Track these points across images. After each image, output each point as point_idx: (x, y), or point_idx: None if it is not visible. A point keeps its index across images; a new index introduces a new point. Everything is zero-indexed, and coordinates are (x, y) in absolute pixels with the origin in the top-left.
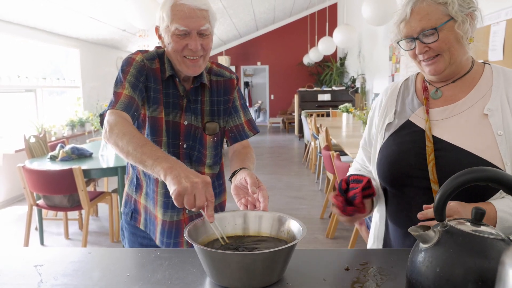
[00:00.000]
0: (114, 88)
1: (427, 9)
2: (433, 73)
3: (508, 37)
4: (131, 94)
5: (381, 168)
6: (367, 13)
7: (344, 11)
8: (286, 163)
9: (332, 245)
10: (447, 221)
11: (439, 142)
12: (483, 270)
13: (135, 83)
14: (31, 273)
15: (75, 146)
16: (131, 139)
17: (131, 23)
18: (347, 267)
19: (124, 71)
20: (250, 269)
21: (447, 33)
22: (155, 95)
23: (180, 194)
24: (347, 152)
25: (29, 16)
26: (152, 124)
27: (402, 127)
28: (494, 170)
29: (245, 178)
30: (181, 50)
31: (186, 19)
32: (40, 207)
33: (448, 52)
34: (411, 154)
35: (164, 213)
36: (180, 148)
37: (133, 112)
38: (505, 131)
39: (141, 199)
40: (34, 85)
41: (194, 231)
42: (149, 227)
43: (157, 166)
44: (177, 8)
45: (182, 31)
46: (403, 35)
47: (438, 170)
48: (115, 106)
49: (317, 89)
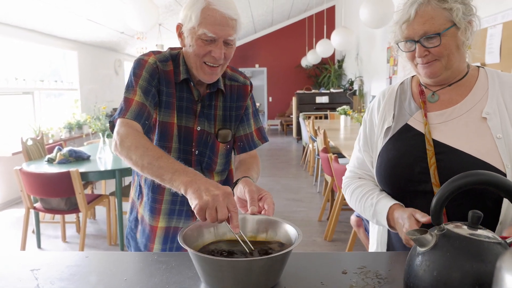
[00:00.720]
0: (125, 94)
1: (432, 13)
2: (429, 76)
3: (504, 40)
4: (143, 101)
5: (381, 173)
6: (364, 15)
7: (342, 13)
8: (284, 166)
9: (330, 247)
10: (444, 225)
11: (439, 145)
12: (480, 274)
13: (147, 88)
14: (27, 277)
15: (72, 149)
16: (145, 152)
17: (129, 26)
18: (344, 271)
19: (136, 74)
20: (244, 275)
21: (449, 39)
22: (168, 99)
23: (202, 208)
24: (345, 154)
25: (27, 18)
26: (163, 129)
27: (401, 131)
28: (491, 174)
29: (244, 193)
30: (203, 56)
31: (216, 26)
32: (37, 210)
33: (447, 57)
34: (411, 158)
35: (169, 219)
36: (192, 154)
37: (144, 121)
38: (504, 134)
39: (140, 208)
40: (31, 87)
41: (189, 236)
42: (141, 239)
43: (176, 180)
44: (208, 13)
45: (209, 37)
46: (404, 36)
47: (439, 173)
48: (125, 115)
49: (315, 92)
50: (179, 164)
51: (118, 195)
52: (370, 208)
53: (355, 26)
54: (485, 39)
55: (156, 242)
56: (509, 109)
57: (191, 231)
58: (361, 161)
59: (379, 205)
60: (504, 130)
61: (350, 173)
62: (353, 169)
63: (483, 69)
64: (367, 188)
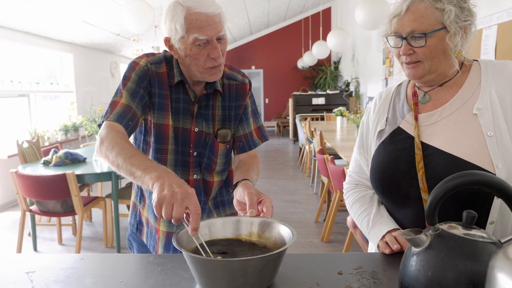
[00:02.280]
0: (112, 97)
1: (423, 12)
2: (412, 77)
3: (499, 41)
4: (127, 103)
5: (373, 178)
6: (360, 17)
7: (337, 15)
8: (281, 167)
9: (327, 248)
10: (438, 225)
11: (427, 148)
12: (474, 274)
13: (135, 89)
14: (22, 279)
15: (68, 151)
16: (120, 152)
17: (125, 28)
18: (340, 271)
19: (125, 77)
20: (238, 276)
21: (435, 42)
22: (161, 100)
23: (159, 203)
24: (342, 155)
25: (22, 21)
26: (158, 131)
27: (392, 134)
28: (484, 174)
29: (244, 196)
30: (204, 63)
31: (204, 28)
32: (33, 213)
33: (431, 61)
34: (401, 162)
35: (169, 224)
36: (191, 156)
37: (127, 121)
38: (495, 131)
39: (144, 211)
40: (27, 90)
41: (184, 237)
42: (149, 241)
43: (145, 176)
44: (192, 18)
45: (202, 41)
46: (393, 30)
47: (427, 178)
48: (108, 117)
49: (311, 93)
50: (151, 161)
51: (114, 197)
52: (366, 231)
53: (351, 28)
54: (480, 40)
55: (159, 246)
56: (502, 101)
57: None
58: (358, 164)
59: (372, 232)
60: (496, 126)
61: (349, 178)
62: (352, 174)
63: (476, 62)
64: (364, 205)
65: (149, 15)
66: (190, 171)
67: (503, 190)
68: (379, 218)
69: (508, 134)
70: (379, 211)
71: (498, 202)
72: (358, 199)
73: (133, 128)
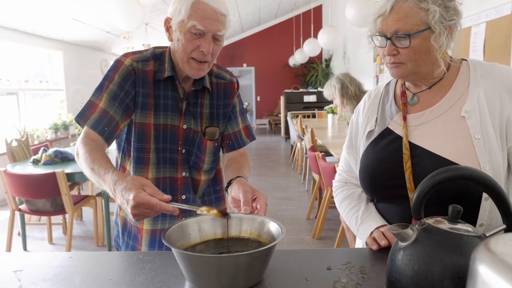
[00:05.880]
0: (92, 96)
1: (407, 11)
2: (395, 76)
3: (488, 38)
4: (105, 107)
5: (361, 177)
6: (350, 14)
7: (328, 13)
8: (273, 164)
9: (319, 245)
10: (425, 220)
11: (415, 149)
12: (460, 267)
13: (116, 92)
14: (10, 278)
15: (58, 150)
16: (86, 160)
17: (115, 25)
18: (329, 267)
19: (107, 77)
20: (227, 272)
21: (420, 42)
22: (144, 100)
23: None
24: (332, 152)
25: (10, 19)
26: (140, 130)
27: (381, 135)
28: (470, 169)
29: (238, 193)
30: (191, 51)
31: (206, 20)
32: (23, 212)
33: (414, 62)
34: (388, 163)
35: (153, 221)
36: (179, 153)
37: (103, 127)
38: (483, 134)
39: (121, 211)
40: (16, 88)
41: (173, 235)
42: (129, 241)
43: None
44: (199, 6)
45: (199, 30)
46: (378, 30)
47: (414, 178)
48: (86, 122)
49: (303, 91)
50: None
51: (105, 195)
52: (354, 228)
53: (342, 25)
54: (469, 38)
55: (143, 245)
56: (490, 104)
57: (175, 230)
58: (347, 162)
59: (361, 229)
60: (483, 128)
61: (338, 176)
62: (341, 173)
63: (465, 62)
64: (352, 203)
65: (139, 12)
66: (179, 168)
67: (488, 184)
68: (368, 215)
69: (495, 137)
70: (368, 208)
71: (487, 203)
72: (347, 197)
73: (110, 134)
